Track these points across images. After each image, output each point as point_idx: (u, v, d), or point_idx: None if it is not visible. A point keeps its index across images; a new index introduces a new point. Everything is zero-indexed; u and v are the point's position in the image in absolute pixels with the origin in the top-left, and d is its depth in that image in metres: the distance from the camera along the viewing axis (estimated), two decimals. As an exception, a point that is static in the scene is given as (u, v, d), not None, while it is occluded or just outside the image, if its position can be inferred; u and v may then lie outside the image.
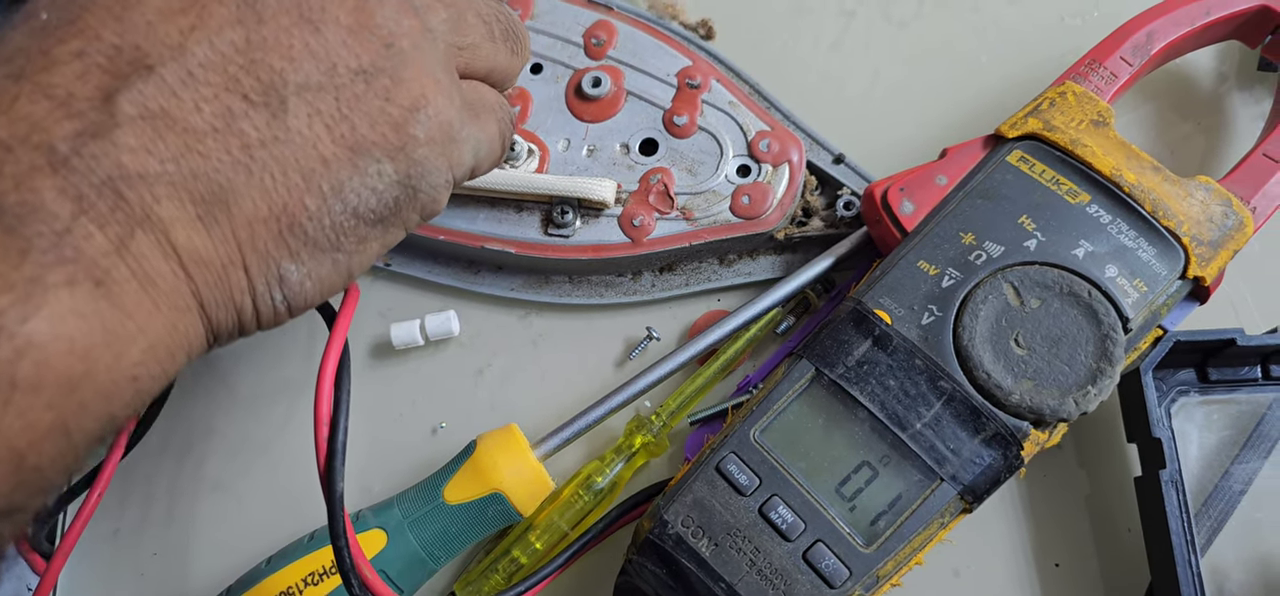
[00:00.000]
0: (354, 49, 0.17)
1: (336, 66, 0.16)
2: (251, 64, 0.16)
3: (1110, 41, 0.27)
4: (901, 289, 0.24)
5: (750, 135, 0.28)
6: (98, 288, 0.14)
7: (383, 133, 0.17)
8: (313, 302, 0.18)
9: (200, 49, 0.15)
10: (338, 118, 0.16)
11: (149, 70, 0.15)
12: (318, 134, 0.16)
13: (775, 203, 0.28)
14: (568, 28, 0.30)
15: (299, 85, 0.16)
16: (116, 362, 0.14)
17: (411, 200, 0.18)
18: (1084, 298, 0.23)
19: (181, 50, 0.15)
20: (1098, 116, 0.25)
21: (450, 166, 0.19)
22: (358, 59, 0.17)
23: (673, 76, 0.29)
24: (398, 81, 0.17)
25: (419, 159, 0.18)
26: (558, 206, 0.28)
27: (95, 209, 0.14)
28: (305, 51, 0.16)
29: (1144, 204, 0.24)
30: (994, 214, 0.24)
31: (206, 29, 0.16)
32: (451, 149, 0.18)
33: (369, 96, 0.17)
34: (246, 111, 0.16)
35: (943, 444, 0.22)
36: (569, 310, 0.29)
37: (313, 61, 0.16)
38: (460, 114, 0.19)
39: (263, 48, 0.16)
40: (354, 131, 0.17)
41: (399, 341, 0.29)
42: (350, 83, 0.17)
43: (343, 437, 0.20)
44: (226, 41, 0.16)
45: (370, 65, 0.17)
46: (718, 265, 0.29)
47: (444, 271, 0.30)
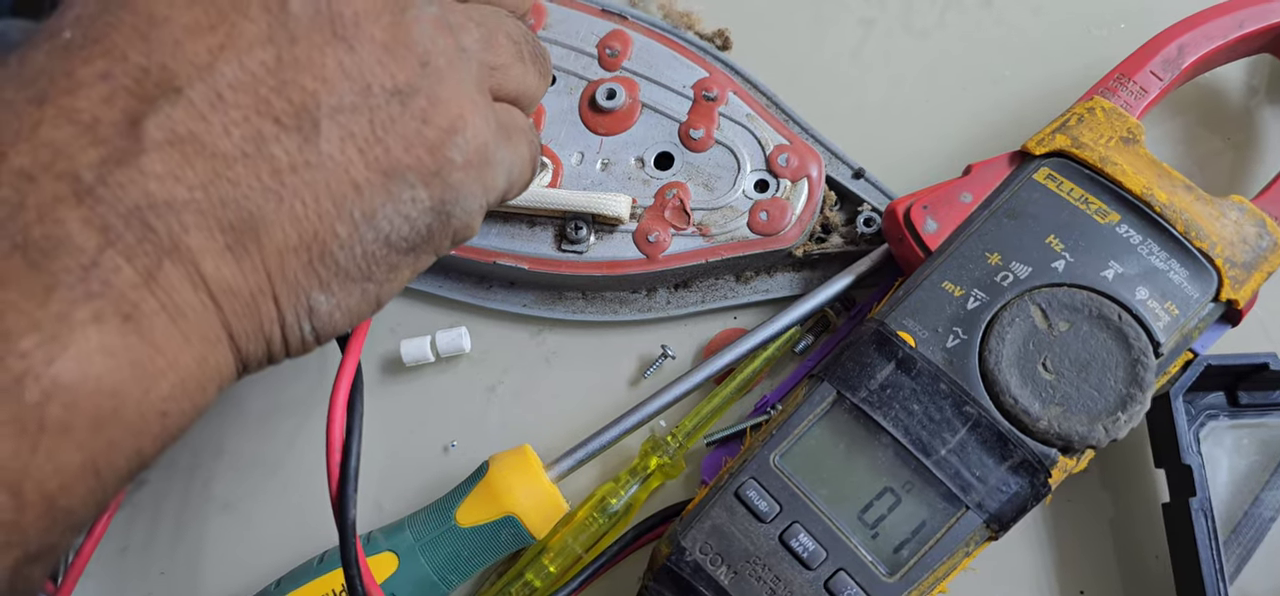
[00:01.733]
0: (389, 68, 0.16)
1: (371, 86, 0.16)
2: (283, 85, 0.15)
3: (1140, 55, 0.26)
4: (925, 310, 0.23)
5: (768, 149, 0.28)
6: (126, 322, 0.14)
7: (418, 156, 0.16)
8: (340, 332, 0.17)
9: (229, 69, 0.15)
10: (372, 141, 0.16)
11: (177, 92, 0.14)
12: (350, 158, 0.16)
13: (794, 219, 0.27)
14: (582, 38, 0.30)
15: (332, 107, 0.15)
16: (145, 399, 0.14)
17: (444, 226, 0.17)
18: (1114, 321, 0.22)
19: (210, 71, 0.15)
20: (1128, 133, 0.25)
21: (485, 191, 0.18)
22: (393, 79, 0.16)
23: (689, 88, 0.29)
24: (435, 102, 0.16)
25: (455, 183, 0.17)
26: (571, 222, 0.27)
27: (123, 240, 0.14)
28: (339, 71, 0.15)
29: (1176, 224, 0.23)
30: (1021, 234, 0.24)
31: (236, 48, 0.15)
32: (486, 173, 0.18)
33: (404, 118, 0.16)
34: (277, 135, 0.15)
35: (968, 470, 0.22)
36: (582, 327, 0.29)
37: (346, 81, 0.16)
38: (495, 136, 0.18)
39: (294, 68, 0.15)
40: (388, 155, 0.16)
41: (409, 358, 0.28)
42: (385, 104, 0.16)
43: (355, 463, 0.19)
44: (257, 61, 0.15)
45: (406, 85, 0.16)
46: (734, 282, 0.28)
47: (455, 286, 0.29)
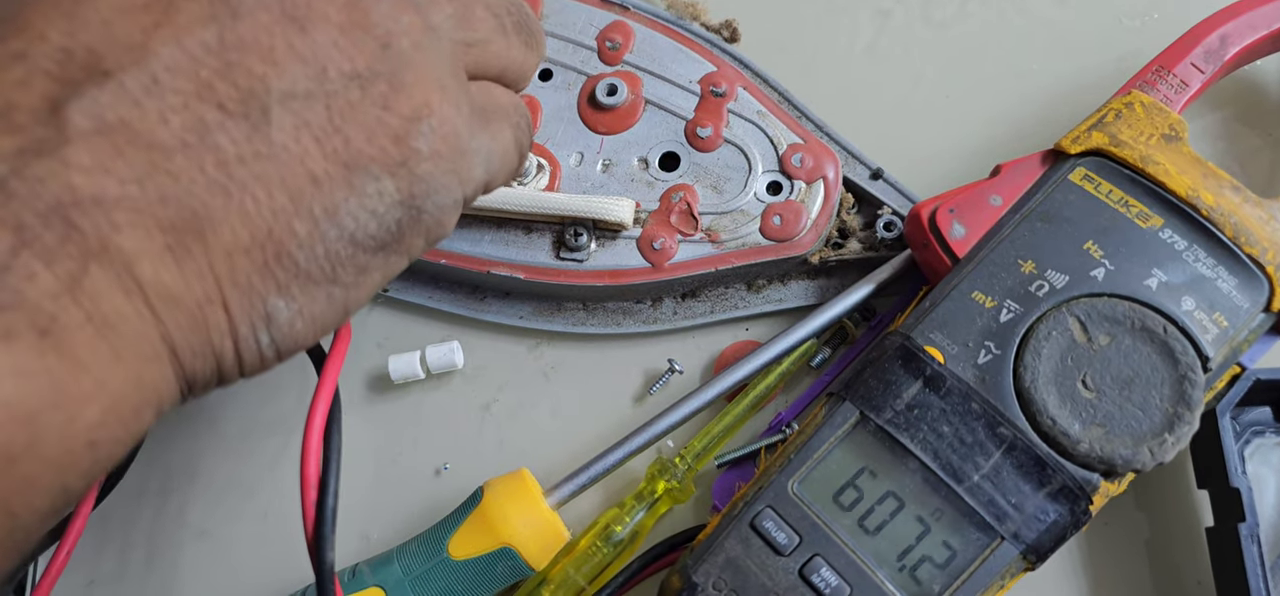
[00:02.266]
0: (346, 50, 0.14)
1: (326, 70, 0.14)
2: (227, 68, 0.13)
3: (1180, 46, 0.24)
4: (954, 323, 0.21)
5: (781, 149, 0.26)
6: (43, 338, 0.12)
7: (381, 146, 0.15)
8: (304, 343, 0.15)
9: (166, 50, 0.13)
10: (329, 130, 0.14)
11: (105, 76, 0.13)
12: (306, 148, 0.14)
13: (809, 224, 0.25)
14: (580, 30, 0.28)
15: (283, 92, 0.14)
16: (69, 427, 0.12)
17: (415, 223, 0.16)
18: (1158, 334, 0.21)
19: (144, 51, 0.13)
20: (1169, 130, 0.23)
21: (460, 183, 0.16)
22: (351, 62, 0.15)
23: (695, 84, 0.27)
24: (397, 87, 0.15)
25: (423, 175, 0.15)
26: (571, 228, 0.26)
27: (40, 241, 0.12)
28: (290, 53, 0.14)
29: (1224, 229, 0.21)
30: (1056, 239, 0.22)
31: (173, 27, 0.13)
32: (460, 163, 0.16)
33: (364, 104, 0.15)
34: (222, 123, 0.13)
35: (1003, 498, 0.20)
36: (583, 340, 0.27)
37: (299, 65, 0.14)
38: (469, 122, 0.16)
39: (240, 49, 0.14)
40: (348, 145, 0.14)
41: (398, 375, 0.26)
42: (343, 89, 0.14)
43: (333, 502, 0.18)
44: (197, 42, 0.13)
45: (365, 69, 0.15)
46: (745, 291, 0.27)
47: (446, 297, 0.27)
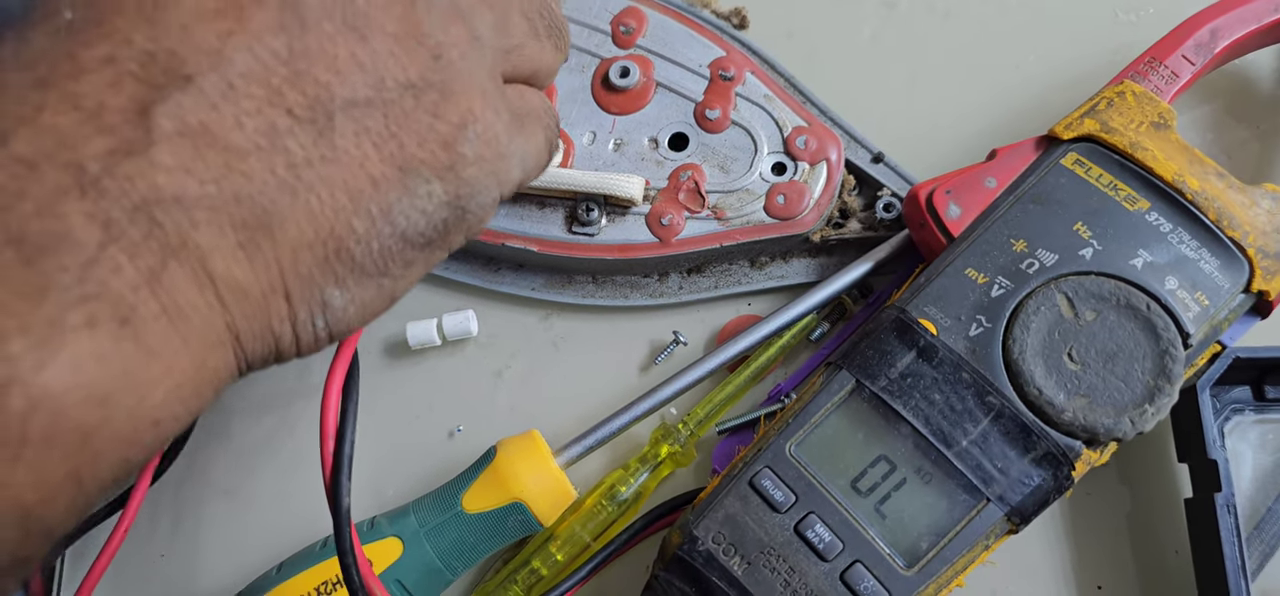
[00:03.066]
0: (402, 60, 0.16)
1: (384, 80, 0.15)
2: (296, 76, 0.14)
3: (1172, 38, 0.25)
4: (948, 298, 0.23)
5: (786, 131, 0.27)
6: (123, 327, 0.13)
7: (432, 151, 0.16)
8: (354, 328, 0.17)
9: (240, 57, 0.14)
10: (386, 135, 0.15)
11: (187, 80, 0.14)
12: (366, 153, 0.15)
13: (812, 203, 0.26)
14: (595, 14, 0.29)
15: (346, 100, 0.15)
16: (138, 407, 0.13)
17: (459, 221, 0.17)
18: (1142, 311, 0.22)
19: (220, 58, 0.14)
20: (1158, 118, 0.24)
21: (499, 184, 0.18)
22: (406, 71, 0.16)
23: (705, 68, 0.28)
24: (446, 96, 0.16)
25: (468, 178, 0.17)
26: (583, 203, 0.27)
27: (126, 236, 0.13)
28: (352, 63, 0.15)
29: (1207, 212, 0.22)
30: (1047, 220, 0.23)
31: (247, 34, 0.14)
32: (500, 165, 0.17)
33: (418, 112, 0.16)
34: (292, 128, 0.14)
35: (990, 462, 0.21)
36: (592, 312, 0.28)
37: (360, 74, 0.15)
38: (508, 127, 0.18)
39: (307, 58, 0.15)
40: (402, 150, 0.16)
41: (415, 341, 0.28)
42: (398, 98, 0.15)
43: (349, 451, 0.19)
44: (268, 50, 0.14)
45: (418, 79, 0.16)
46: (749, 268, 0.28)
47: (462, 269, 0.29)
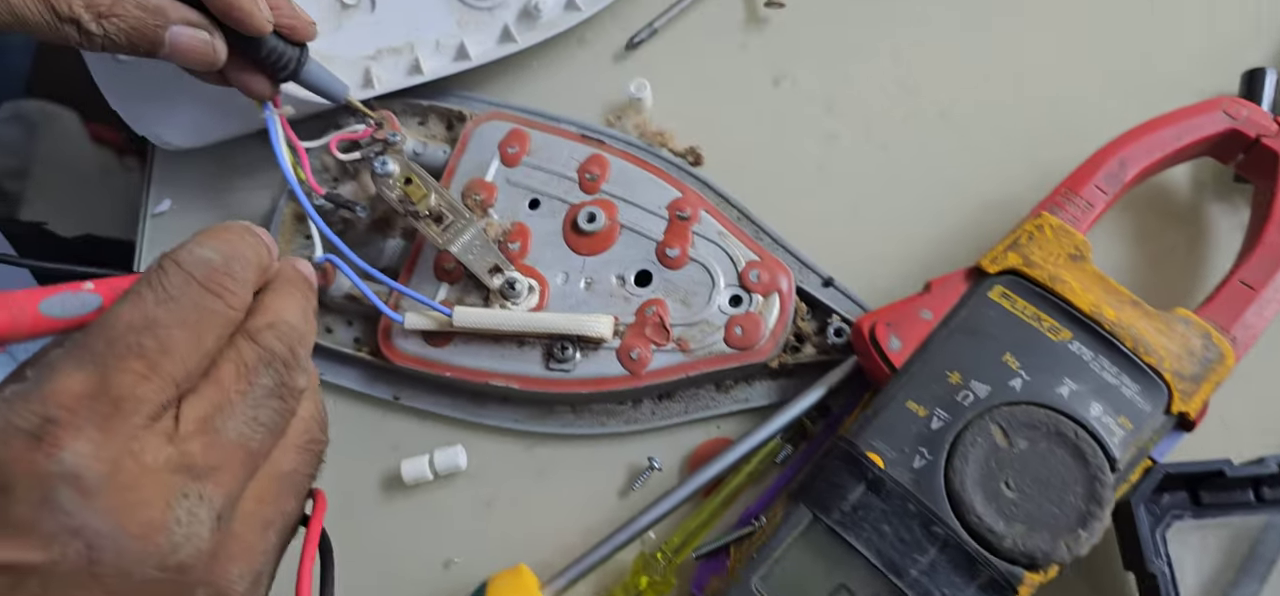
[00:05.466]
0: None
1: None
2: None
3: (1084, 171, 0.27)
4: (892, 431, 0.24)
5: (740, 265, 0.29)
6: None
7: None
8: None
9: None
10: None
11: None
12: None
13: (768, 333, 0.28)
14: (563, 163, 0.32)
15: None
16: None
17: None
18: (1070, 438, 0.24)
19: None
20: (1075, 250, 0.26)
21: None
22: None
23: (664, 208, 0.31)
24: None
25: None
26: (558, 342, 0.29)
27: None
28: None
29: (1125, 341, 0.25)
30: (979, 351, 0.25)
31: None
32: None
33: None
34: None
35: (939, 591, 0.23)
36: (573, 440, 0.30)
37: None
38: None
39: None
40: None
41: (409, 477, 0.30)
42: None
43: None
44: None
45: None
46: (715, 392, 0.30)
47: (451, 404, 0.31)
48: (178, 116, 0.33)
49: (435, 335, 0.30)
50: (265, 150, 0.35)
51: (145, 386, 0.16)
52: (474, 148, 0.32)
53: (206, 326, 0.18)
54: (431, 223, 0.29)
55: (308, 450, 0.20)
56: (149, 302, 0.17)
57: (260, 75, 0.28)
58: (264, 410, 0.18)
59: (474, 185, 0.32)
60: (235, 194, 0.35)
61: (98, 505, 0.15)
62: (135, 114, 0.33)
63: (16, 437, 0.15)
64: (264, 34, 0.27)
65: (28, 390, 0.16)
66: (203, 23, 0.26)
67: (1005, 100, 0.32)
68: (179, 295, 0.18)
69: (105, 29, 0.24)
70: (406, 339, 0.30)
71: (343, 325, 0.32)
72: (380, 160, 0.30)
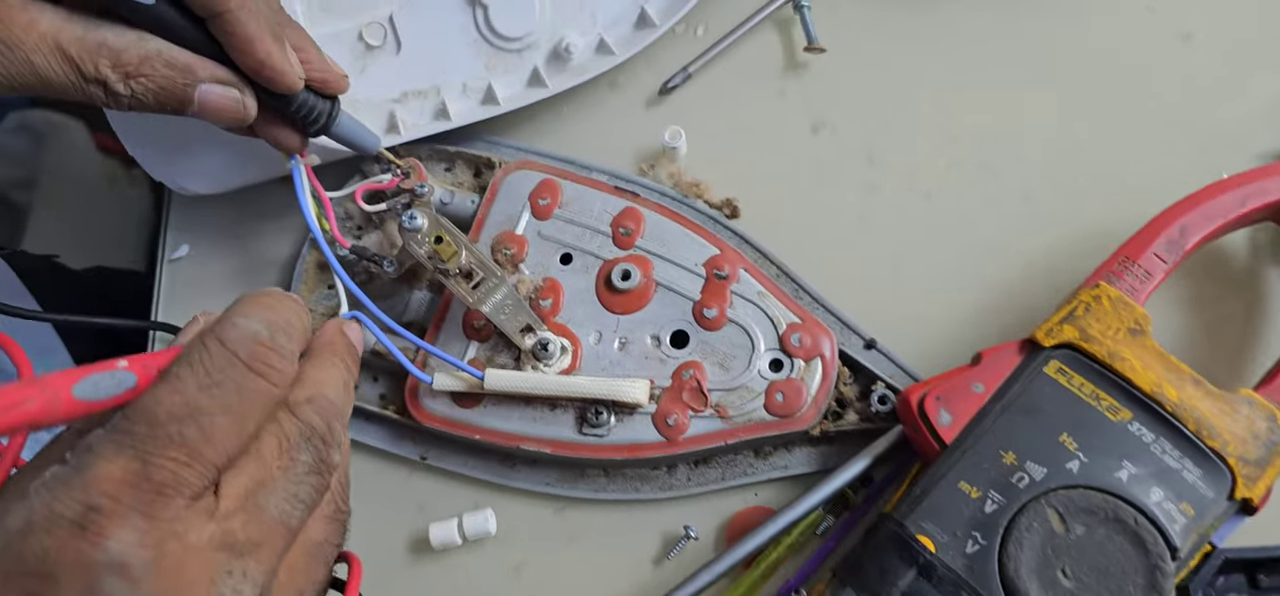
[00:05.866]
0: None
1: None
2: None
3: (1142, 237, 0.26)
4: (944, 513, 0.24)
5: (781, 328, 0.28)
6: None
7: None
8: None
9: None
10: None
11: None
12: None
13: (810, 400, 0.28)
14: (596, 217, 0.31)
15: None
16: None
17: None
18: (1130, 524, 0.23)
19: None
20: (1135, 324, 0.25)
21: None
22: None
23: (701, 266, 0.30)
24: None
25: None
26: (592, 406, 0.28)
27: None
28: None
29: (1187, 423, 0.24)
30: (1034, 431, 0.24)
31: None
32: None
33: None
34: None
35: (993, 684, 0.22)
36: (605, 505, 0.29)
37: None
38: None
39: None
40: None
41: (438, 542, 0.29)
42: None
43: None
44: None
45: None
46: (754, 458, 0.29)
47: (480, 465, 0.30)
48: (198, 163, 0.32)
49: (465, 396, 0.29)
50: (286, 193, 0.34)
51: (187, 472, 0.16)
52: (504, 198, 0.31)
53: (250, 409, 0.18)
54: (462, 280, 0.28)
55: (335, 520, 0.20)
56: (190, 387, 0.17)
57: (290, 129, 0.27)
58: (304, 487, 0.19)
59: (504, 238, 0.31)
60: (256, 239, 0.34)
61: (144, 590, 0.15)
62: (153, 160, 0.32)
63: (60, 526, 0.15)
64: (296, 92, 0.26)
65: (69, 476, 0.16)
66: (233, 80, 0.25)
67: (1054, 153, 0.31)
68: (222, 378, 0.17)
69: (133, 89, 0.23)
70: (435, 399, 0.29)
71: (368, 381, 0.32)
72: (408, 214, 0.29)
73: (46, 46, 0.22)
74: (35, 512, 0.15)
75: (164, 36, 0.23)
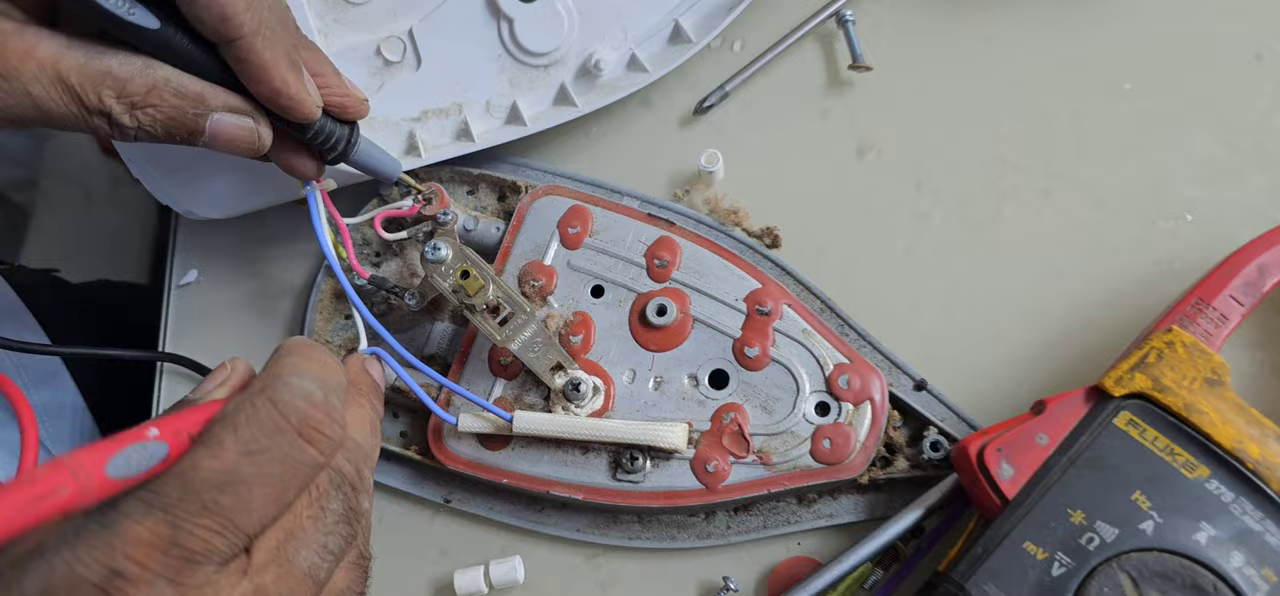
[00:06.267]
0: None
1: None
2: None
3: (1217, 278, 0.25)
4: (1007, 575, 0.22)
5: (828, 369, 0.27)
6: None
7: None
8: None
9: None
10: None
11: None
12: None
13: (858, 446, 0.26)
14: (629, 247, 0.29)
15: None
16: None
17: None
18: (1209, 592, 0.21)
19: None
20: (1212, 374, 0.24)
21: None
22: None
23: (741, 301, 0.28)
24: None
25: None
26: (627, 452, 0.27)
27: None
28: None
29: (1270, 482, 0.22)
30: (1104, 488, 0.23)
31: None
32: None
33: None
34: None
35: None
36: (639, 553, 0.28)
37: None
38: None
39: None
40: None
41: (463, 590, 0.28)
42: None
43: None
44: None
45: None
46: (797, 505, 0.27)
47: (507, 510, 0.29)
48: (207, 187, 0.30)
49: (491, 437, 0.28)
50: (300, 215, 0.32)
51: (220, 540, 0.16)
52: (531, 226, 0.30)
53: (293, 480, 0.17)
54: (489, 316, 0.27)
55: (359, 566, 0.20)
56: (232, 453, 0.16)
57: (307, 156, 0.25)
58: (333, 537, 0.18)
59: (531, 269, 0.29)
60: (269, 264, 0.33)
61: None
62: (159, 184, 0.30)
63: (83, 590, 0.15)
64: (313, 120, 0.24)
65: (93, 534, 0.15)
66: (246, 108, 0.23)
67: (1117, 181, 0.29)
68: (269, 445, 0.17)
69: (139, 120, 0.22)
70: (459, 441, 0.28)
71: (388, 418, 0.30)
72: (432, 246, 0.27)
73: (46, 76, 0.20)
74: (56, 573, 0.15)
75: (172, 63, 0.22)
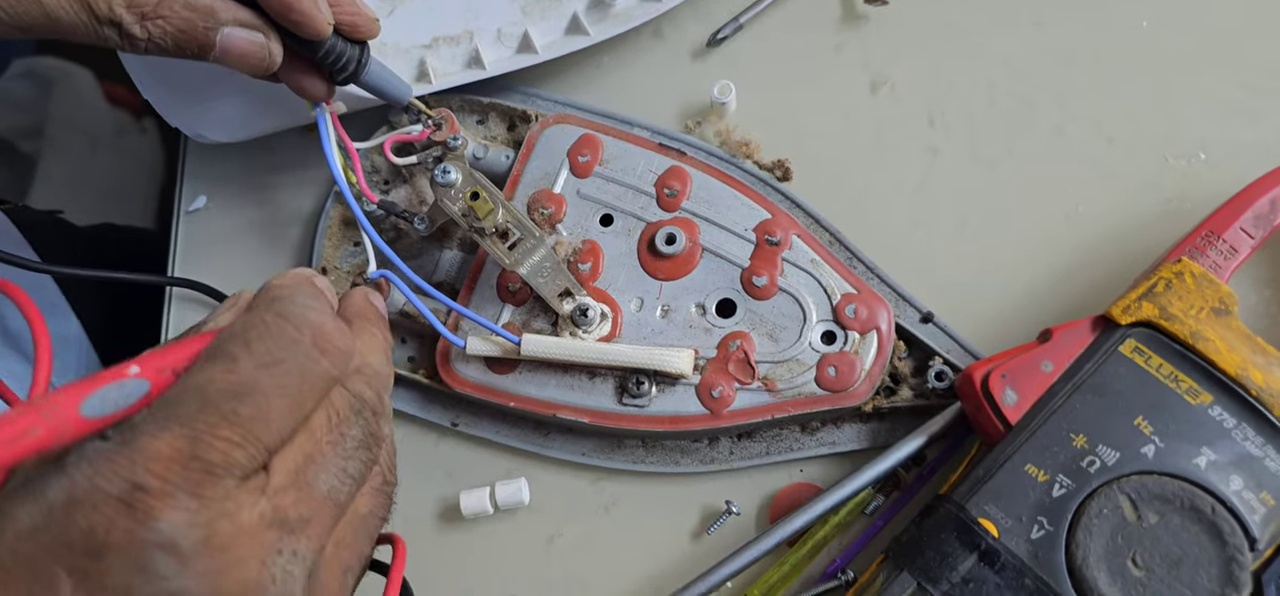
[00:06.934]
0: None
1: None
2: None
3: (1229, 210, 0.25)
4: (1008, 496, 0.23)
5: (835, 299, 0.27)
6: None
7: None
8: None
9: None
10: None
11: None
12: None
13: (863, 375, 0.26)
14: (639, 176, 0.29)
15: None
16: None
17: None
18: (1207, 514, 0.22)
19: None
20: (1219, 303, 0.24)
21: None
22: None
23: (750, 231, 0.28)
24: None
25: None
26: (633, 376, 0.27)
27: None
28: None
29: (1273, 409, 0.22)
30: (1107, 413, 0.23)
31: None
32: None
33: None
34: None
35: (1056, 672, 0.21)
36: (643, 476, 0.28)
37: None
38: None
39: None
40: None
41: (469, 511, 0.28)
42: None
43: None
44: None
45: None
46: (800, 433, 0.28)
47: (513, 433, 0.29)
48: (216, 109, 0.30)
49: (499, 361, 0.28)
50: (309, 142, 0.33)
51: (239, 452, 0.16)
52: (541, 154, 0.30)
53: (309, 392, 0.17)
54: (498, 240, 0.27)
55: (382, 492, 0.20)
56: (246, 366, 0.16)
57: (316, 77, 0.25)
58: (353, 461, 0.18)
59: (541, 197, 0.29)
60: (277, 191, 0.33)
61: (195, 569, 0.15)
62: (169, 106, 0.30)
63: (106, 503, 0.15)
64: (324, 37, 0.24)
65: (112, 451, 0.15)
66: (257, 24, 0.23)
67: (1130, 118, 0.29)
68: (284, 356, 0.17)
69: (149, 32, 0.22)
70: (467, 364, 0.28)
71: (396, 343, 0.30)
72: (441, 169, 0.27)
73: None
74: (77, 486, 0.15)
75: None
